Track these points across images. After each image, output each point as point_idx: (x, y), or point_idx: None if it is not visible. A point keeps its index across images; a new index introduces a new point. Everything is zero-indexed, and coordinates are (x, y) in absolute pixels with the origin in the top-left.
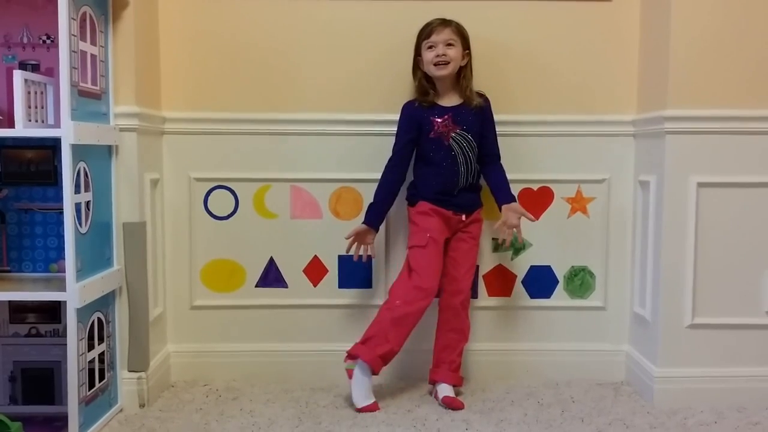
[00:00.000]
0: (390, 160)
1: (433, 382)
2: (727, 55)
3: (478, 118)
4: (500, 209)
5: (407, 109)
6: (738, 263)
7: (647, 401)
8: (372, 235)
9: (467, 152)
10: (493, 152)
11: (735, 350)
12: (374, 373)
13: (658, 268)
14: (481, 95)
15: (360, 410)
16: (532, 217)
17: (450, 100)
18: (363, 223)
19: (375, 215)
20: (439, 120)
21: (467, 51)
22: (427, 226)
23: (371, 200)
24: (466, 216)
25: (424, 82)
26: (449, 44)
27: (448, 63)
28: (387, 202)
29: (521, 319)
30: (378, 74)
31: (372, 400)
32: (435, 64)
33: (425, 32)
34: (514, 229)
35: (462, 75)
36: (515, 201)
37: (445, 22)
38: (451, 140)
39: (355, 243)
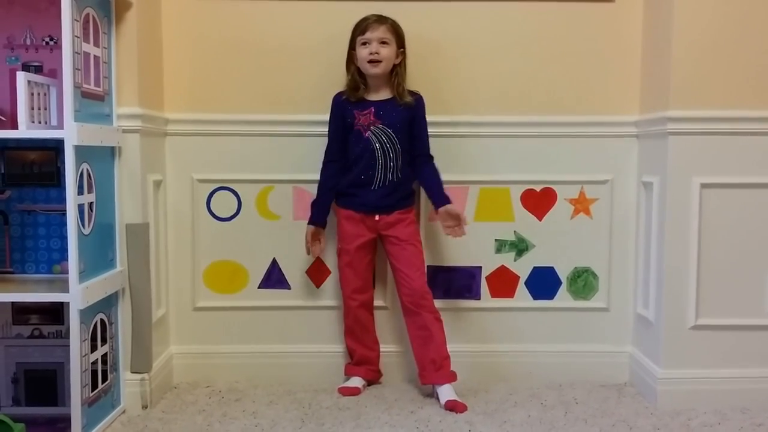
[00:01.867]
0: (324, 157)
1: (424, 385)
2: (730, 55)
3: (405, 116)
4: (437, 212)
5: (334, 101)
6: (741, 264)
7: (651, 402)
8: (323, 232)
9: (387, 148)
10: (423, 152)
11: (738, 351)
12: (365, 377)
13: (662, 269)
14: (414, 94)
15: (340, 388)
16: (466, 219)
17: (379, 96)
18: (309, 223)
19: (319, 213)
20: (361, 113)
21: (402, 49)
22: (341, 236)
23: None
24: (379, 216)
25: (357, 77)
26: (383, 42)
27: (380, 62)
28: (327, 199)
29: (524, 320)
30: None
31: (353, 384)
32: (369, 62)
33: (360, 28)
34: (457, 226)
35: (395, 72)
36: (449, 203)
37: (380, 20)
38: (369, 133)
39: (311, 244)
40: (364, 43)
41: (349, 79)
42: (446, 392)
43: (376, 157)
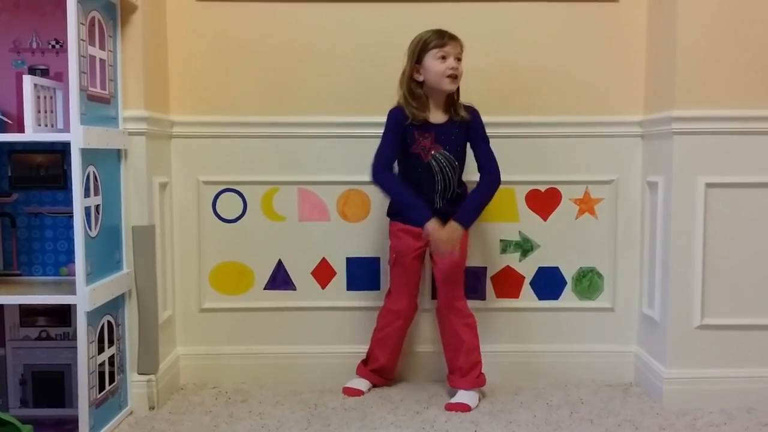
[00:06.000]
0: (380, 167)
1: (451, 387)
2: (735, 54)
3: (463, 136)
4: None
5: (394, 116)
6: (747, 264)
7: (656, 402)
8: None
9: (447, 172)
10: (484, 165)
11: (744, 351)
12: (375, 384)
13: (667, 269)
14: (468, 109)
15: (344, 389)
16: (455, 251)
17: (436, 117)
18: (428, 221)
19: (421, 205)
20: (422, 136)
21: None
22: (394, 247)
23: (378, 201)
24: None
25: (420, 92)
26: (459, 59)
27: (458, 77)
28: (416, 196)
29: (529, 320)
30: (385, 76)
31: (358, 387)
32: (448, 77)
33: (434, 42)
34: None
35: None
36: (463, 226)
37: (454, 36)
38: (431, 159)
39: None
40: (442, 57)
41: (413, 97)
42: (461, 395)
43: (437, 181)
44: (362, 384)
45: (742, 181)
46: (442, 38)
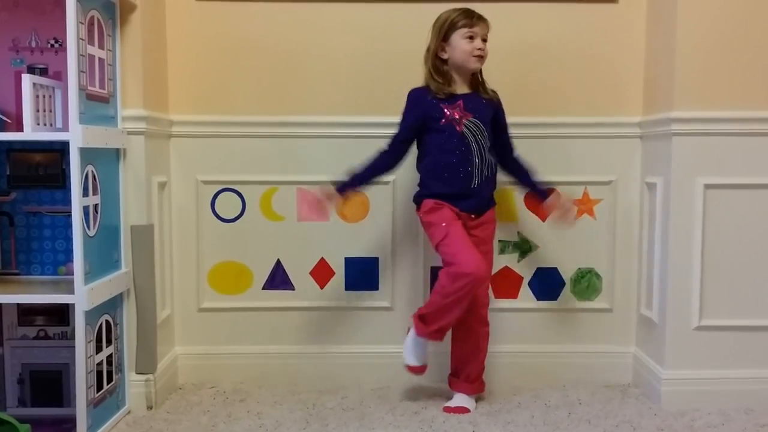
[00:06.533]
0: (388, 146)
1: (451, 389)
2: (734, 55)
3: (489, 110)
4: (544, 199)
5: (416, 95)
6: (745, 265)
7: (654, 403)
8: (336, 200)
9: (480, 141)
10: (512, 146)
11: (742, 352)
12: (431, 340)
13: (665, 270)
14: (494, 92)
15: (408, 368)
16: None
17: (462, 89)
18: (337, 189)
19: (351, 184)
20: (450, 107)
21: None
22: (439, 218)
23: (377, 201)
24: (475, 216)
25: (445, 68)
26: (485, 39)
27: (484, 57)
28: (368, 175)
29: (528, 321)
30: (385, 77)
31: (421, 363)
32: (475, 56)
33: (463, 22)
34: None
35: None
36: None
37: (482, 17)
38: (463, 127)
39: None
40: (470, 37)
41: (438, 74)
42: (460, 399)
43: (473, 151)
44: (419, 350)
45: (741, 183)
46: (470, 18)
